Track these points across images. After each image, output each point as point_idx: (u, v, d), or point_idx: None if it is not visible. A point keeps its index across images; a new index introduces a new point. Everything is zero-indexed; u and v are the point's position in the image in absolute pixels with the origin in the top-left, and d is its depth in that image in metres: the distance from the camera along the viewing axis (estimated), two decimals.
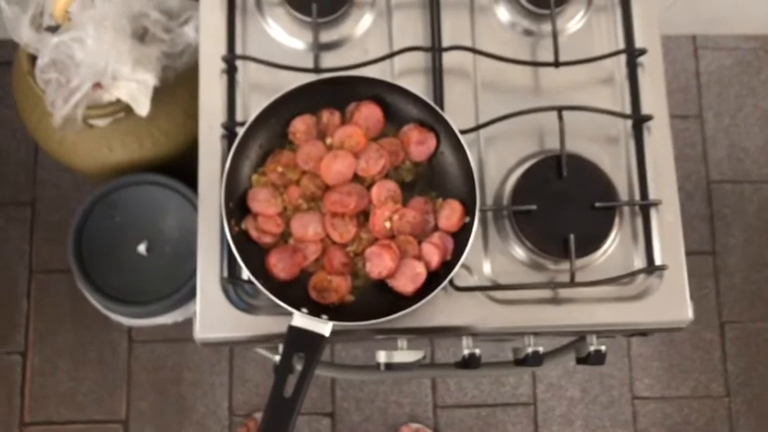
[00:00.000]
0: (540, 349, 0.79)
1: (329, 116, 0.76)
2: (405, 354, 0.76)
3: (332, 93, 0.75)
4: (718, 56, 1.72)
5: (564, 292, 0.78)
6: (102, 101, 1.06)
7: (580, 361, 0.84)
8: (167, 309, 1.14)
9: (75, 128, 1.07)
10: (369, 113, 0.76)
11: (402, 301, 0.70)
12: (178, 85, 1.06)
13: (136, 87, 1.05)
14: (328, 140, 0.76)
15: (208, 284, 0.75)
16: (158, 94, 1.02)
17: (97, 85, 1.05)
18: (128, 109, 1.04)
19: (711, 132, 1.70)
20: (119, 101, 1.04)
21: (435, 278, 0.72)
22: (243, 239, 0.73)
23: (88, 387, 1.47)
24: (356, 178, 0.75)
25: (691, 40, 1.74)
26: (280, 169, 0.75)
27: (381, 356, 0.76)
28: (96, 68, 1.02)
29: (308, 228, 0.73)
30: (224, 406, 1.48)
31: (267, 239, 0.73)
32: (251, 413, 1.48)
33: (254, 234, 0.73)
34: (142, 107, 1.04)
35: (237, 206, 0.73)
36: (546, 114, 0.79)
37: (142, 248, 1.12)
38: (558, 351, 0.91)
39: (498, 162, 0.82)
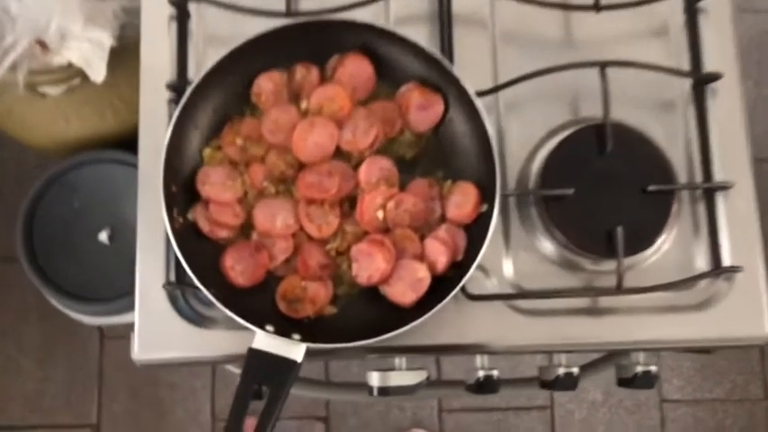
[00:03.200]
0: (575, 370, 0.69)
1: (304, 73, 0.67)
2: (403, 375, 0.67)
3: (308, 42, 0.66)
4: (758, 20, 1.64)
5: (605, 301, 0.68)
6: (52, 65, 0.98)
7: (623, 383, 0.72)
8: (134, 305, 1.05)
9: (15, 94, 1.00)
10: (356, 69, 0.67)
11: (399, 315, 0.61)
12: None
13: (89, 48, 0.98)
14: (303, 104, 0.67)
15: (149, 291, 0.66)
16: (118, 57, 0.96)
17: (43, 46, 0.96)
18: (83, 75, 0.98)
19: (751, 104, 1.59)
20: (71, 65, 0.96)
21: (442, 284, 0.62)
22: (190, 234, 0.63)
23: (55, 388, 1.42)
24: (339, 154, 0.66)
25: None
26: (239, 141, 0.66)
27: (374, 379, 0.67)
28: (36, 24, 0.93)
29: (275, 218, 0.64)
30: (206, 410, 1.42)
31: (222, 234, 0.64)
32: None
33: (204, 227, 0.64)
34: (97, 72, 0.97)
35: (183, 190, 0.64)
36: (582, 73, 0.69)
37: (104, 236, 1.04)
38: (593, 367, 0.80)
39: (522, 134, 0.71)
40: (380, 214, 0.64)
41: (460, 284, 0.60)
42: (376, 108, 0.67)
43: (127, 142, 1.06)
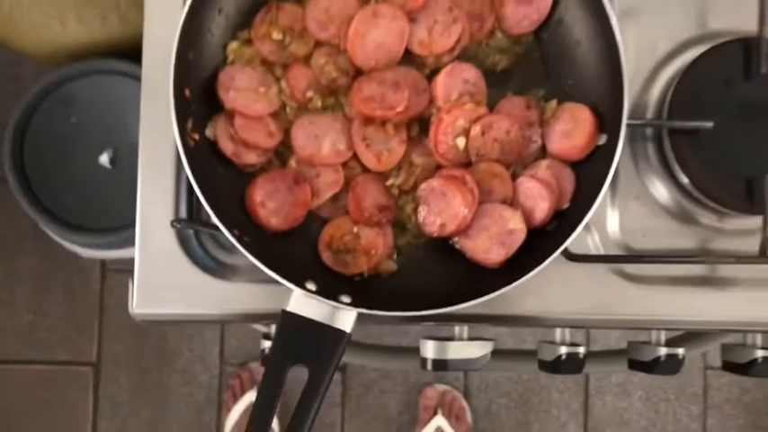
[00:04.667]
0: (680, 351, 0.59)
1: None
2: (466, 347, 0.59)
3: None
4: None
5: (728, 269, 0.58)
6: None
7: (731, 367, 0.62)
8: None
9: None
10: None
11: (479, 276, 0.52)
12: None
13: None
14: None
15: (153, 229, 0.58)
16: None
17: None
18: None
19: None
20: None
21: (537, 238, 0.52)
22: (208, 156, 0.53)
23: (52, 322, 1.40)
24: (410, 58, 0.56)
25: None
26: (277, 35, 0.56)
27: (429, 350, 0.58)
28: None
29: (321, 141, 0.55)
30: (214, 352, 1.40)
31: (250, 158, 0.55)
32: (246, 362, 1.40)
33: (227, 148, 0.54)
34: None
35: (200, 97, 0.54)
36: None
37: (105, 159, 0.98)
38: (686, 344, 0.67)
39: (640, 49, 0.60)
40: (461, 142, 0.54)
41: (568, 242, 0.48)
42: None
43: (135, 53, 0.95)
